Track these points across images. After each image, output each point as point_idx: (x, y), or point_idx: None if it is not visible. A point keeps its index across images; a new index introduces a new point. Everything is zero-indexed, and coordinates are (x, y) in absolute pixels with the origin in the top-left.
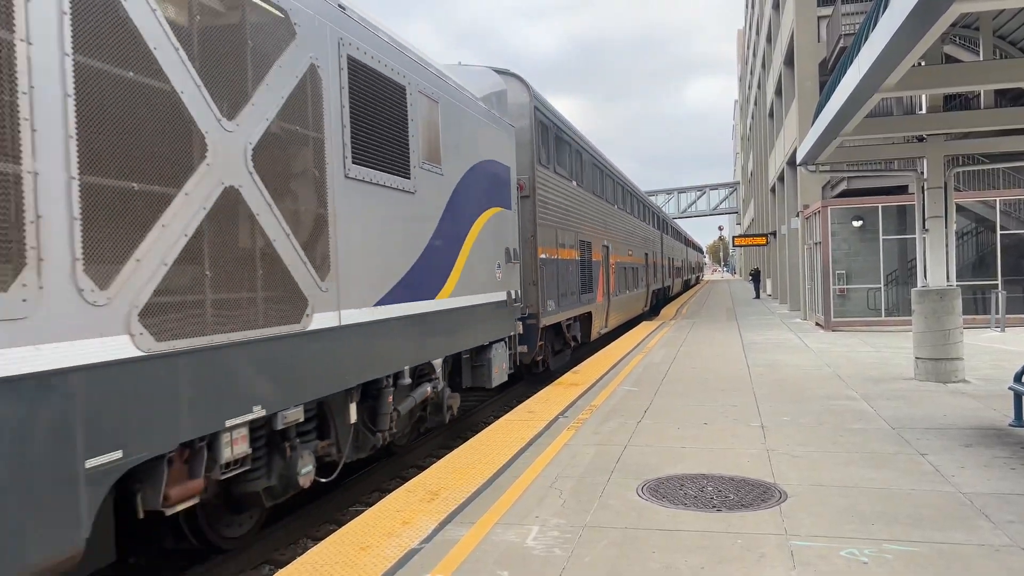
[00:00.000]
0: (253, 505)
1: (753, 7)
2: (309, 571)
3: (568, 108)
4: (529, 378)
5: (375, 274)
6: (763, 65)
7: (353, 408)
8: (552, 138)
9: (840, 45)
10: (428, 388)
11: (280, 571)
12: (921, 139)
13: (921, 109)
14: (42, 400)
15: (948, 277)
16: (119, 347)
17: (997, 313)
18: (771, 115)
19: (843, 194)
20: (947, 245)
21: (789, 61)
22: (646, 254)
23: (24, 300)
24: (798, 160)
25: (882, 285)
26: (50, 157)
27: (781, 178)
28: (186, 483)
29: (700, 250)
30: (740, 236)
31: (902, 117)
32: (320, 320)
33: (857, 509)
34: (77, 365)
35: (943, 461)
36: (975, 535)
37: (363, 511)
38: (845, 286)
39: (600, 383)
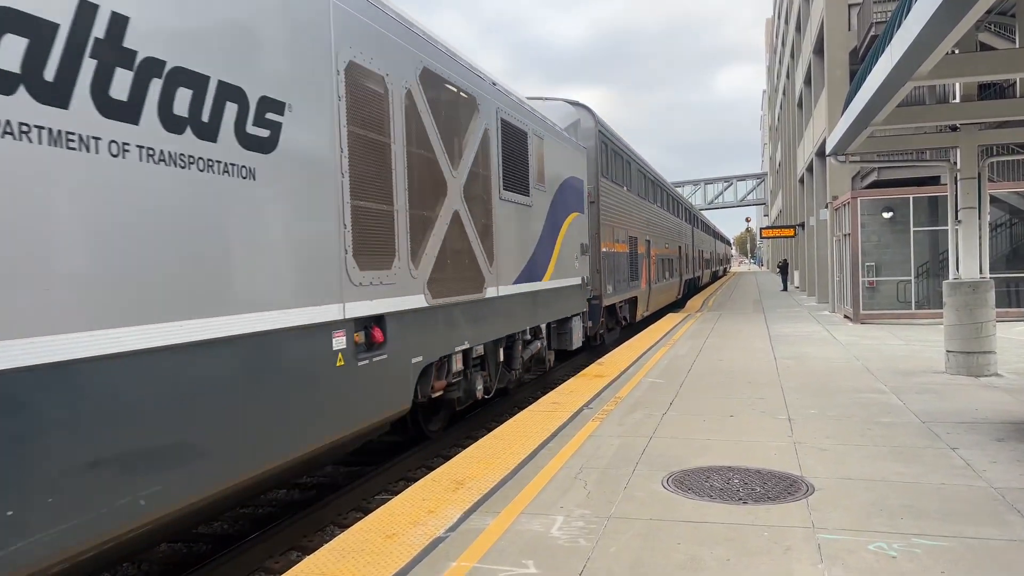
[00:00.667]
0: (447, 408)
1: None
2: (336, 557)
3: (594, 98)
4: (589, 350)
5: (512, 263)
6: (792, 54)
7: (501, 352)
8: (610, 153)
9: (871, 33)
10: (538, 344)
11: (308, 557)
12: (954, 128)
13: (954, 98)
14: (400, 326)
15: (981, 269)
16: (421, 301)
17: None
18: (800, 105)
19: (873, 185)
20: (980, 237)
21: (819, 50)
22: (679, 247)
23: (395, 273)
24: (827, 150)
25: (912, 277)
26: (399, 201)
27: (810, 169)
28: (439, 381)
29: (727, 242)
30: (768, 228)
31: (935, 106)
32: (489, 292)
33: (886, 503)
34: (411, 308)
35: (974, 455)
36: (1007, 530)
37: (389, 499)
38: (874, 278)
39: (625, 375)
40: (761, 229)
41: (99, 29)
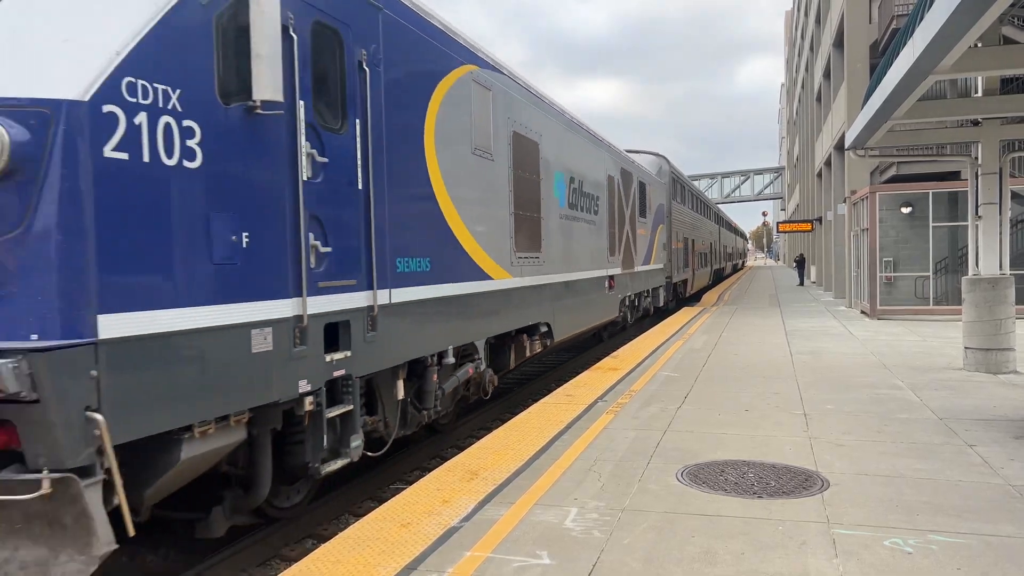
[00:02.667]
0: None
1: None
2: (351, 546)
3: (613, 90)
4: (659, 314)
5: (641, 254)
6: (811, 47)
7: (650, 296)
8: (676, 186)
9: (892, 26)
10: (649, 300)
11: (323, 545)
12: (976, 123)
13: (976, 92)
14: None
15: (1001, 266)
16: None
17: None
18: (819, 99)
19: (892, 180)
20: (1001, 232)
21: (839, 43)
22: (710, 244)
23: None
24: (846, 144)
25: (931, 273)
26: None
27: (828, 163)
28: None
29: (744, 236)
30: (785, 222)
31: (956, 100)
32: (638, 268)
33: (902, 499)
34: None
35: (992, 453)
36: None
37: (404, 489)
38: (892, 273)
39: (639, 368)
40: (778, 223)
41: (576, 183)
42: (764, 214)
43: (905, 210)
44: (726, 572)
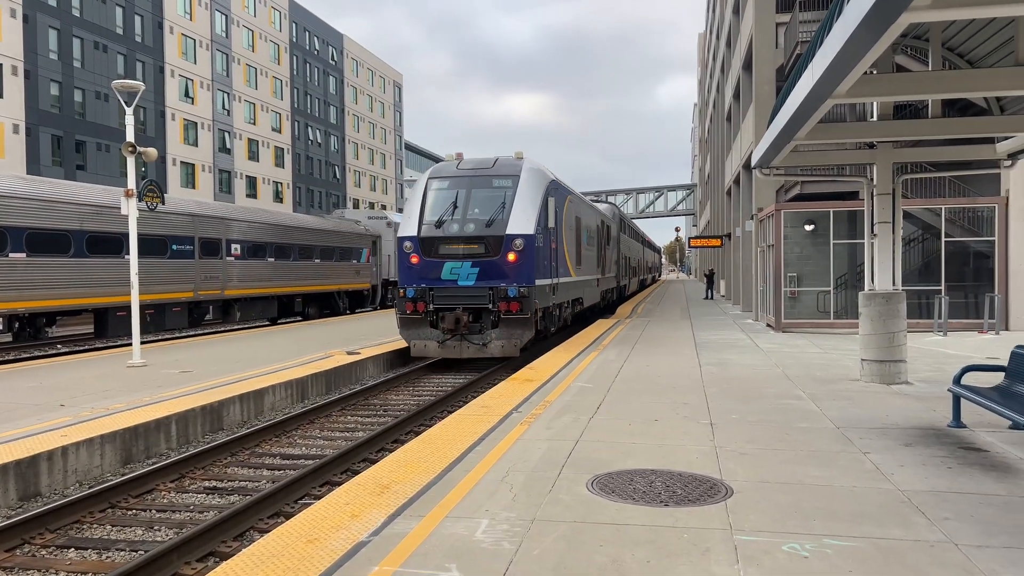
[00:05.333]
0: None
1: (714, 11)
2: (254, 564)
3: (540, 104)
4: (611, 306)
5: (612, 268)
6: (722, 69)
7: (610, 294)
8: (622, 222)
9: (796, 52)
10: (611, 294)
11: (224, 563)
12: (872, 146)
13: (872, 117)
14: (577, 284)
15: (894, 281)
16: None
17: (940, 318)
18: (728, 119)
19: (796, 198)
20: (894, 250)
21: (748, 66)
22: (639, 260)
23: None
24: (753, 163)
25: (832, 288)
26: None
27: (737, 181)
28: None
29: (658, 251)
30: (696, 237)
31: (853, 124)
32: (604, 275)
33: (800, 505)
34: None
35: (884, 460)
36: (912, 531)
37: (312, 504)
38: (796, 288)
39: (555, 379)
40: (690, 238)
41: (587, 232)
42: (677, 229)
43: (808, 228)
44: None
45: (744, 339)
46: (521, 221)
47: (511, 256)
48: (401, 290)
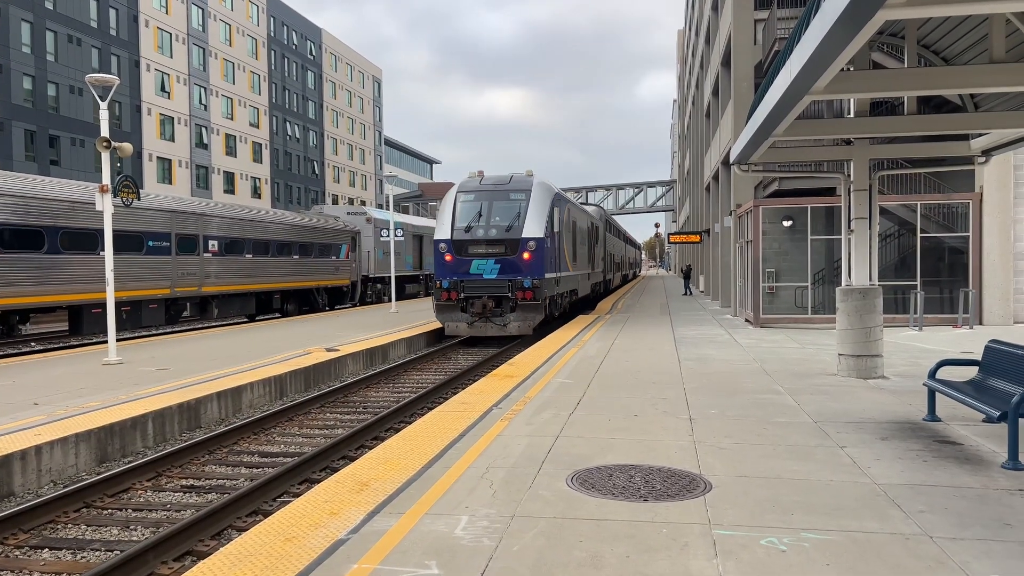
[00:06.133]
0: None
1: (693, 8)
2: (232, 562)
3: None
4: (594, 299)
5: (602, 263)
6: (701, 65)
7: (604, 283)
8: (608, 223)
9: (775, 48)
10: (598, 286)
11: (201, 562)
12: (848, 142)
13: (849, 113)
14: (575, 277)
15: (871, 277)
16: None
17: (916, 313)
18: (708, 115)
19: (775, 194)
20: (870, 246)
21: (726, 62)
22: (622, 256)
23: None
24: (732, 159)
25: (809, 284)
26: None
27: (716, 177)
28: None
29: (638, 247)
30: (675, 233)
31: (830, 120)
32: (595, 270)
33: (778, 499)
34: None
35: (861, 454)
36: (887, 524)
37: (291, 502)
38: (774, 284)
39: (535, 375)
40: (669, 234)
41: (581, 233)
42: (656, 225)
43: (786, 224)
44: (611, 575)
45: (723, 334)
46: (533, 227)
47: (526, 255)
48: (438, 282)
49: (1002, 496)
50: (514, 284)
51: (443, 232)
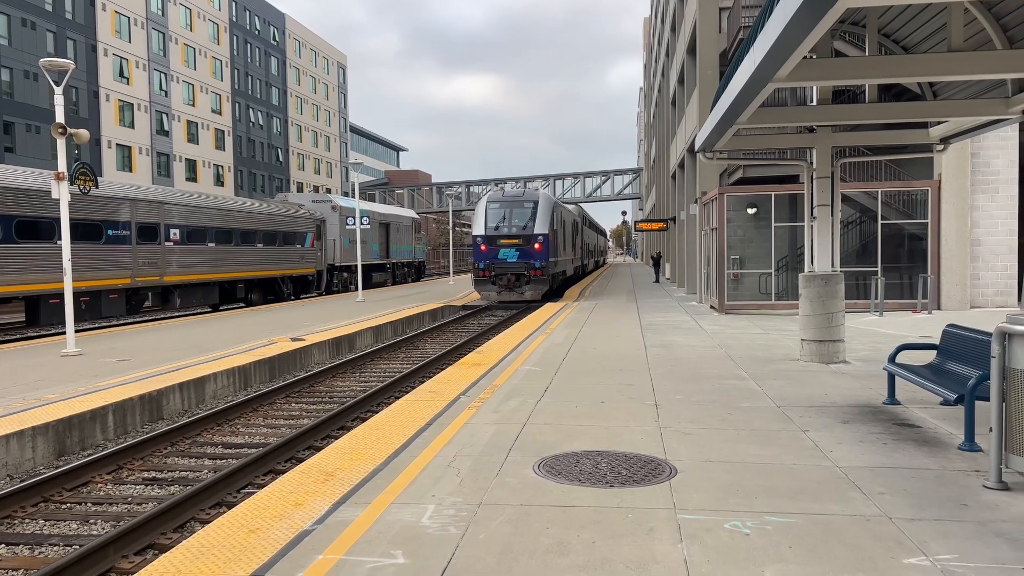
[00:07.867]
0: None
1: None
2: (194, 555)
3: (491, 86)
4: (574, 278)
5: (585, 252)
6: (667, 53)
7: (584, 266)
8: (583, 218)
9: (739, 36)
10: (577, 270)
11: (163, 555)
12: (811, 130)
13: (812, 102)
14: (564, 261)
15: (833, 263)
16: (562, 258)
17: (876, 298)
18: (673, 103)
19: (739, 182)
20: (833, 233)
21: (692, 50)
22: (593, 245)
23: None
24: (697, 147)
25: (773, 270)
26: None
27: (682, 165)
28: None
29: (605, 235)
30: (642, 221)
31: (794, 108)
32: (584, 259)
33: (742, 483)
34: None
35: (822, 437)
36: (848, 506)
37: (255, 493)
38: (739, 271)
39: (503, 363)
40: (636, 222)
41: (567, 227)
42: (624, 213)
43: (751, 211)
44: (577, 561)
45: (688, 321)
46: (541, 226)
47: (536, 246)
48: (474, 264)
49: (958, 477)
50: (528, 265)
51: (478, 230)
